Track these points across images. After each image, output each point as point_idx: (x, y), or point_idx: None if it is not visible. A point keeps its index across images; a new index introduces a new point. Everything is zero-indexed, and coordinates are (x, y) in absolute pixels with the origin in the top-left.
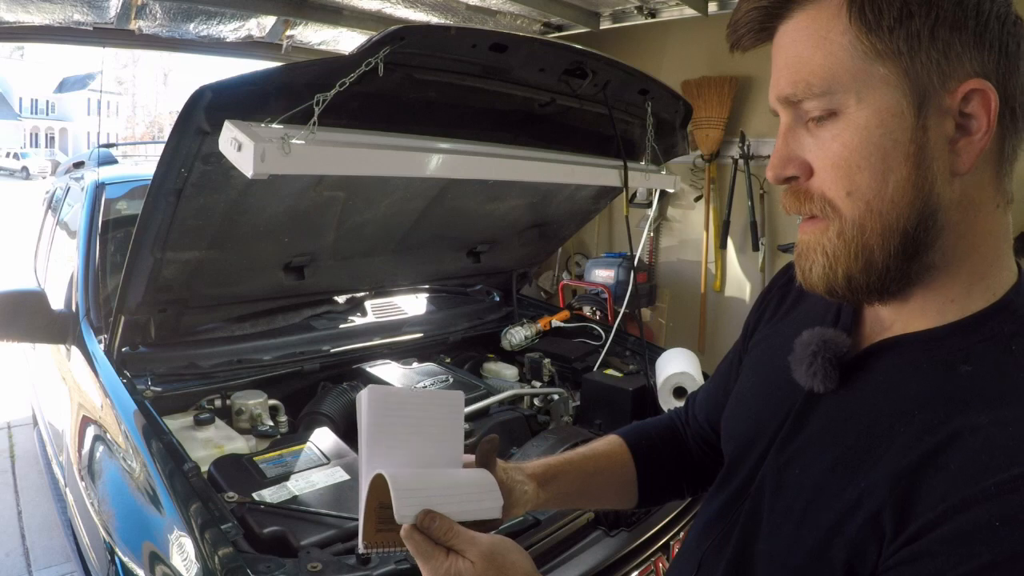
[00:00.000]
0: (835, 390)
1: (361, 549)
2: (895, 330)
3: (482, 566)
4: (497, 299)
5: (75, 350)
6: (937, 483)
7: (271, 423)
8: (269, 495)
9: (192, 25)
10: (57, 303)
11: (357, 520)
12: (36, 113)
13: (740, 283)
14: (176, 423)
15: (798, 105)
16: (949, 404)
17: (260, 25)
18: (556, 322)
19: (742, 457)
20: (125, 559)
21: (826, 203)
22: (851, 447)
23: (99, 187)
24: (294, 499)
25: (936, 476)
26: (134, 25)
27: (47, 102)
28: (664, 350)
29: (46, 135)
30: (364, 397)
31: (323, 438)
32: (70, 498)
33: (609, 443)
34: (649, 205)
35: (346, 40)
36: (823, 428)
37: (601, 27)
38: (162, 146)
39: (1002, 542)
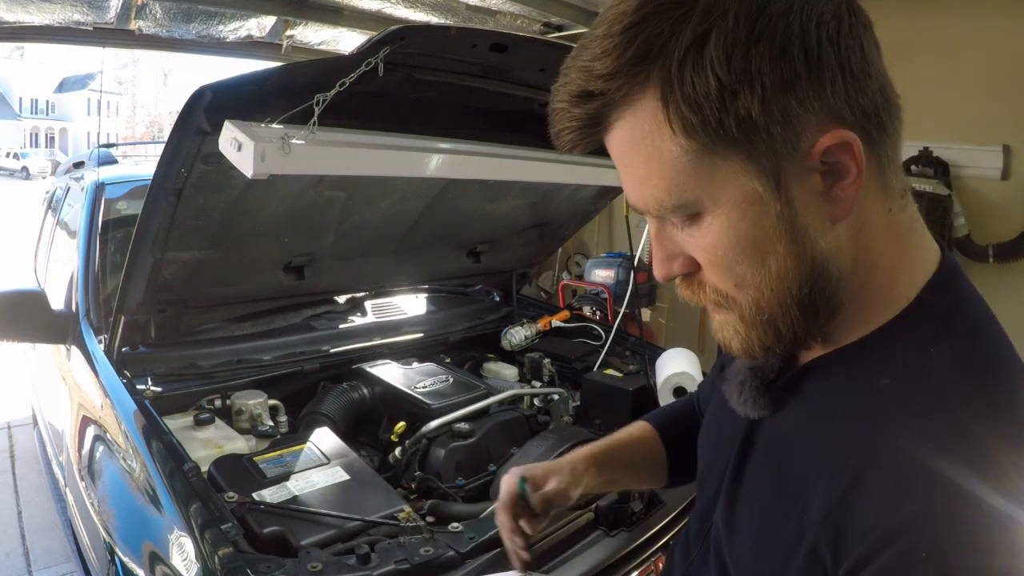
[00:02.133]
0: (772, 415)
1: None
2: (817, 351)
3: None
4: (497, 299)
5: (75, 350)
6: (864, 511)
7: (271, 423)
8: (269, 495)
9: (192, 25)
10: (57, 303)
11: (357, 520)
12: (36, 113)
13: None
14: (176, 423)
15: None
16: (870, 422)
17: (260, 25)
18: (556, 322)
19: (706, 480)
20: (125, 559)
21: (719, 295)
22: (788, 476)
23: (99, 187)
24: (294, 499)
25: (862, 504)
26: (134, 25)
27: (47, 102)
28: (664, 350)
29: (46, 135)
30: None
31: (323, 438)
32: (70, 498)
33: (641, 430)
34: None
35: (346, 40)
36: (764, 456)
37: None
38: (162, 146)
39: (930, 571)
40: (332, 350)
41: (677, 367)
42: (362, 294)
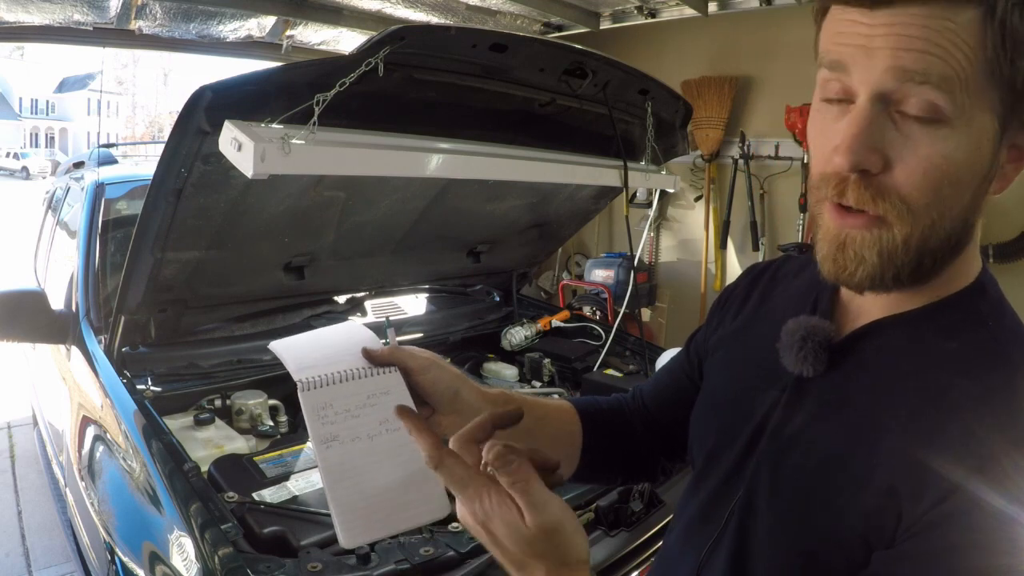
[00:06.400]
0: (824, 374)
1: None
2: (875, 314)
3: (538, 536)
4: (497, 299)
5: (75, 350)
6: (947, 449)
7: (271, 423)
8: (269, 495)
9: (192, 25)
10: (57, 303)
11: None
12: (36, 113)
13: None
14: (176, 423)
15: (896, 92)
16: (942, 378)
17: (260, 25)
18: (556, 322)
19: (722, 452)
20: (125, 559)
21: (905, 206)
22: (853, 426)
23: (99, 187)
24: (294, 499)
25: (945, 443)
26: (134, 25)
27: (47, 102)
28: (664, 350)
29: (46, 135)
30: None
31: None
32: (70, 498)
33: (559, 404)
34: (649, 205)
35: (346, 40)
36: (820, 411)
37: (601, 27)
38: (162, 146)
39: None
40: None
41: None
42: (362, 294)
